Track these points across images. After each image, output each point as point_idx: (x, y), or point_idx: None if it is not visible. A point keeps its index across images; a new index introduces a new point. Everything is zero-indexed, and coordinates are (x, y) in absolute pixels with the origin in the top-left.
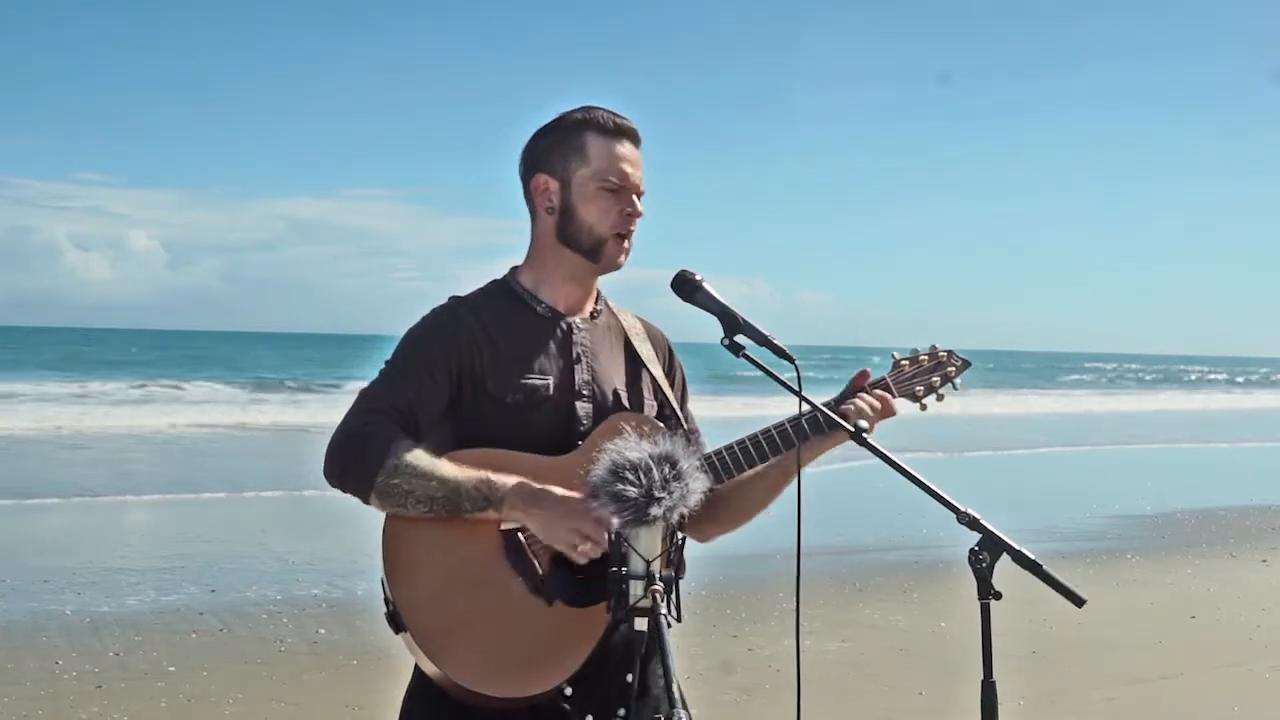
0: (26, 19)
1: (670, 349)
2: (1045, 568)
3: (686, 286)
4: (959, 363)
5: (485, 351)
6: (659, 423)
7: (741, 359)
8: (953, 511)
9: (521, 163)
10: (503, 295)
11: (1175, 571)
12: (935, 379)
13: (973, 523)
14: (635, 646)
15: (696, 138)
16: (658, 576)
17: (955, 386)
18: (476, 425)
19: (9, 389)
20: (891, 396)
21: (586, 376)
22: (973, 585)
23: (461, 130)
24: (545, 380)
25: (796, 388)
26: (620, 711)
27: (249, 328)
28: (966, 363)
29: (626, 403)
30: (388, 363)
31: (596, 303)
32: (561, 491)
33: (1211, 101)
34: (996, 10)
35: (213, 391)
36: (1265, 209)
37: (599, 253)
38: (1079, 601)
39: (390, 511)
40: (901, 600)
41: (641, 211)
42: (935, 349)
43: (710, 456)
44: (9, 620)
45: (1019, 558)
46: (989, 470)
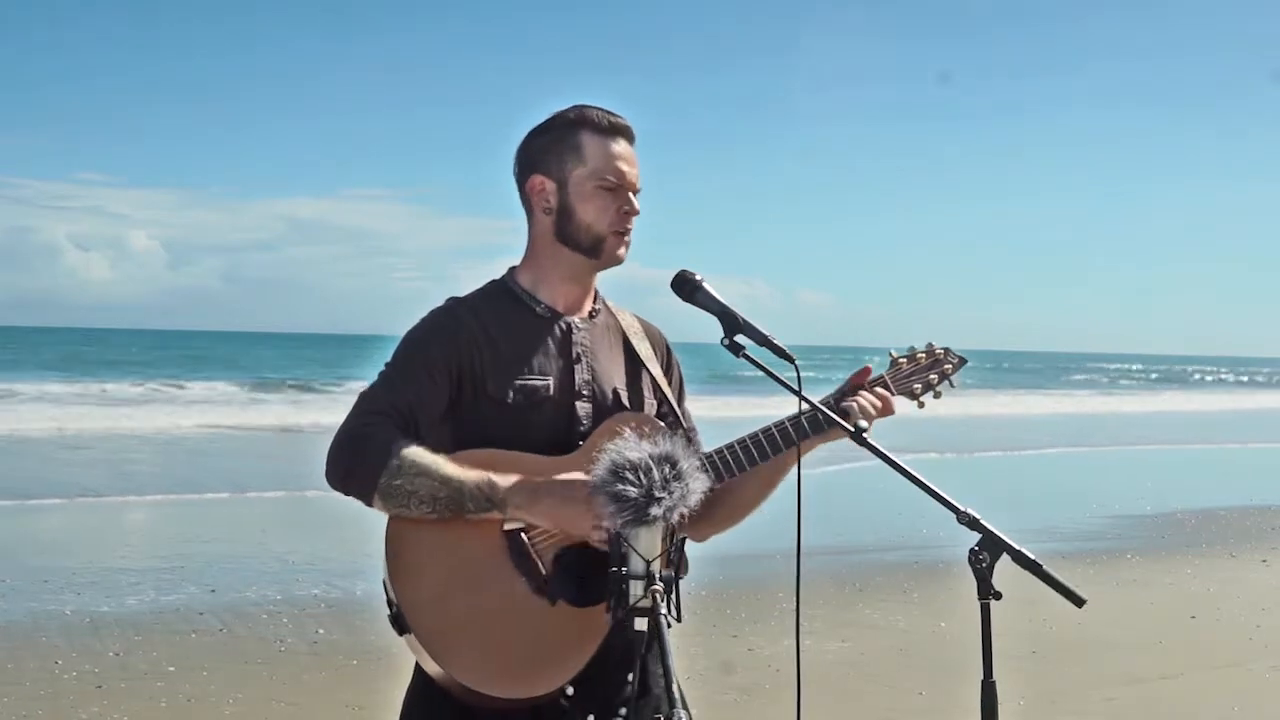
0: (26, 19)
1: (668, 348)
2: (1045, 568)
3: (686, 286)
4: (956, 360)
5: (485, 352)
6: (659, 422)
7: (741, 359)
8: (953, 511)
9: (516, 163)
10: (501, 295)
11: (1175, 571)
12: (933, 377)
13: (973, 523)
14: (635, 646)
15: (696, 138)
16: (658, 576)
17: (952, 384)
18: (477, 426)
19: (9, 389)
20: (890, 395)
21: (586, 376)
22: (973, 585)
23: (461, 130)
24: (545, 380)
25: (797, 388)
26: (621, 711)
27: (249, 328)
28: (963, 360)
29: (626, 402)
30: (387, 364)
31: (595, 302)
32: (561, 477)
33: (1211, 101)
34: (996, 10)
35: (213, 391)
36: (1265, 209)
37: (599, 250)
38: (1079, 601)
39: (393, 513)
40: (901, 600)
41: (639, 209)
42: (932, 347)
43: (710, 456)
44: (9, 620)
45: (1019, 558)
46: (989, 470)
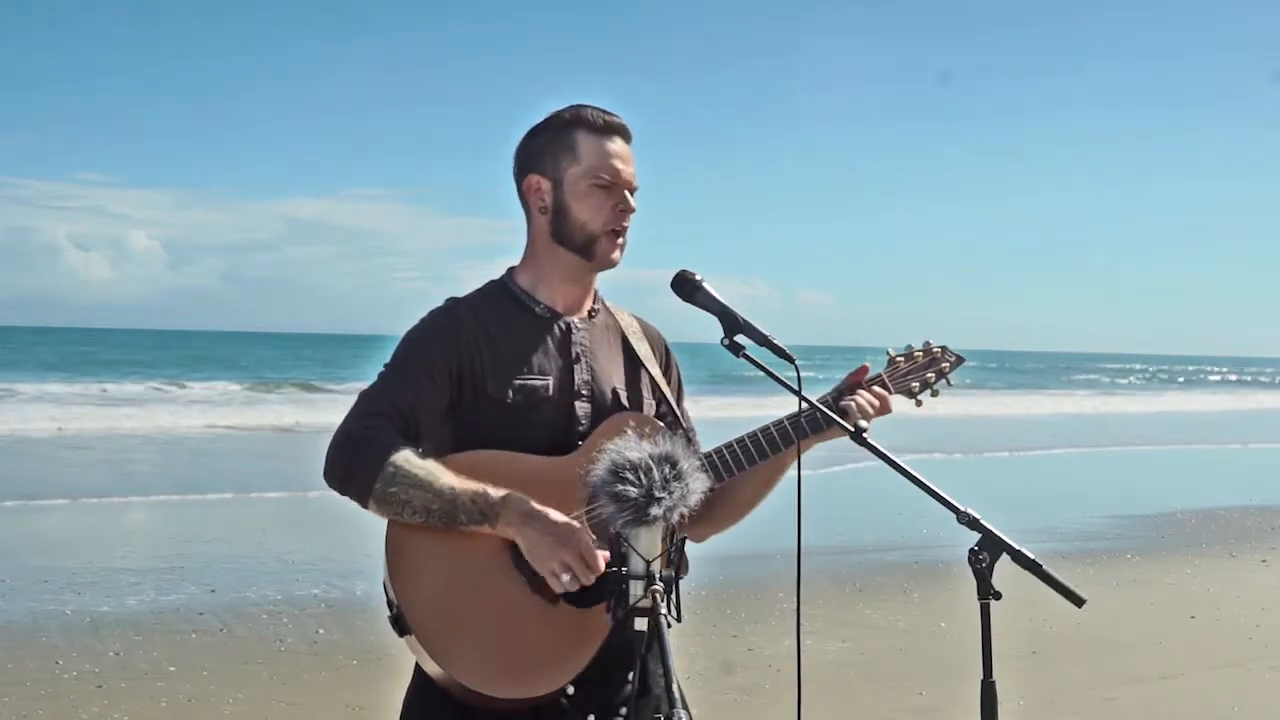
0: (26, 19)
1: (667, 348)
2: (1045, 568)
3: (686, 286)
4: (953, 359)
5: (484, 352)
6: (659, 422)
7: (741, 359)
8: (953, 511)
9: (514, 164)
10: (501, 296)
11: (1175, 571)
12: (930, 375)
13: (972, 523)
14: (635, 646)
15: (696, 138)
16: (658, 576)
17: (950, 383)
18: (476, 426)
19: (9, 389)
20: (888, 393)
21: (586, 376)
22: (973, 585)
23: (461, 130)
24: (544, 380)
25: (797, 388)
26: (621, 711)
27: (249, 328)
28: (960, 359)
29: (626, 402)
30: (387, 365)
31: (594, 302)
32: (558, 517)
33: (1211, 101)
34: (996, 10)
35: (213, 391)
36: (1265, 209)
37: (592, 250)
38: (1079, 601)
39: (387, 518)
40: (901, 600)
41: (634, 207)
42: (929, 345)
43: (709, 455)
44: (9, 620)
45: (1019, 558)
46: (989, 470)
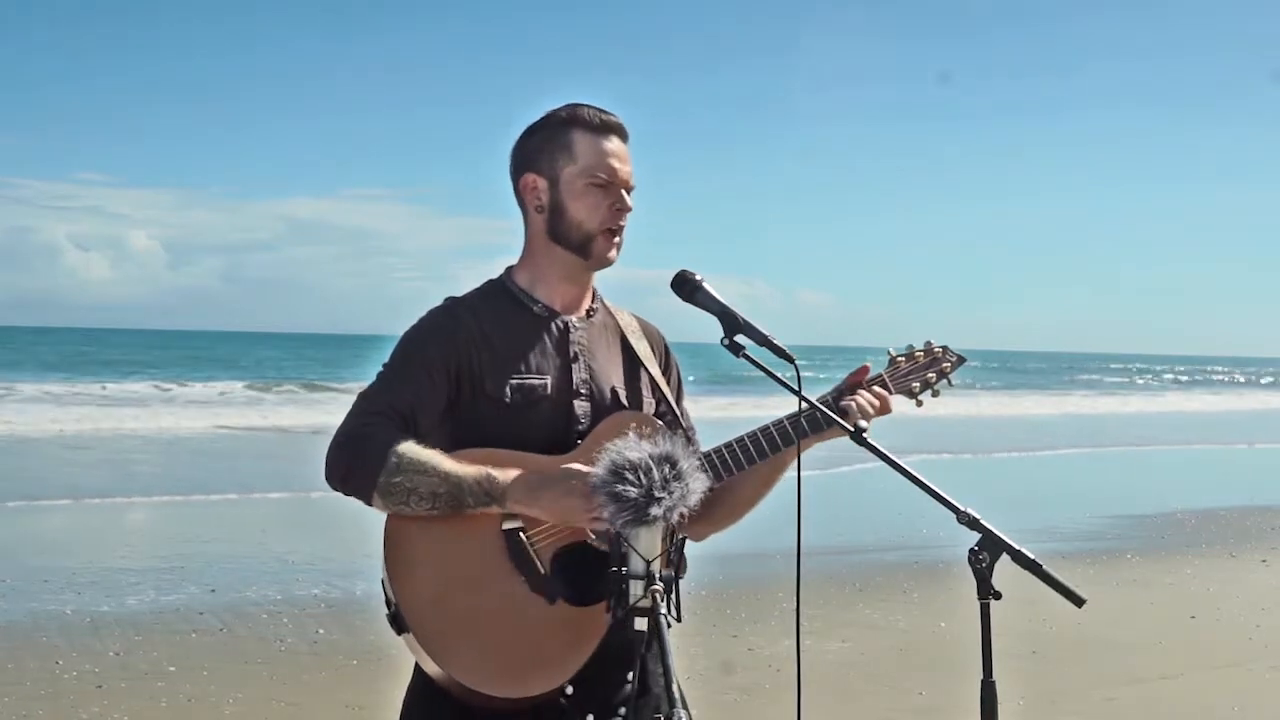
0: (26, 19)
1: (666, 347)
2: (1045, 568)
3: (686, 286)
4: (954, 359)
5: (483, 352)
6: (658, 422)
7: (741, 359)
8: (953, 511)
9: (510, 162)
10: (499, 295)
11: (1175, 571)
12: (931, 375)
13: (972, 523)
14: (635, 646)
15: (696, 138)
16: (658, 576)
17: (950, 383)
18: (475, 425)
19: (9, 389)
20: (888, 393)
21: (584, 375)
22: (973, 585)
23: (461, 130)
24: (543, 380)
25: (796, 388)
26: (621, 711)
27: (249, 328)
28: (961, 359)
29: (625, 401)
30: (386, 365)
31: (593, 301)
32: (561, 470)
33: (1211, 101)
34: (996, 10)
35: (213, 391)
36: (1266, 209)
37: (589, 249)
38: (1079, 601)
39: (393, 511)
40: (901, 600)
41: (631, 206)
42: (930, 345)
43: (708, 455)
44: (9, 620)
45: (1019, 558)
46: (989, 470)
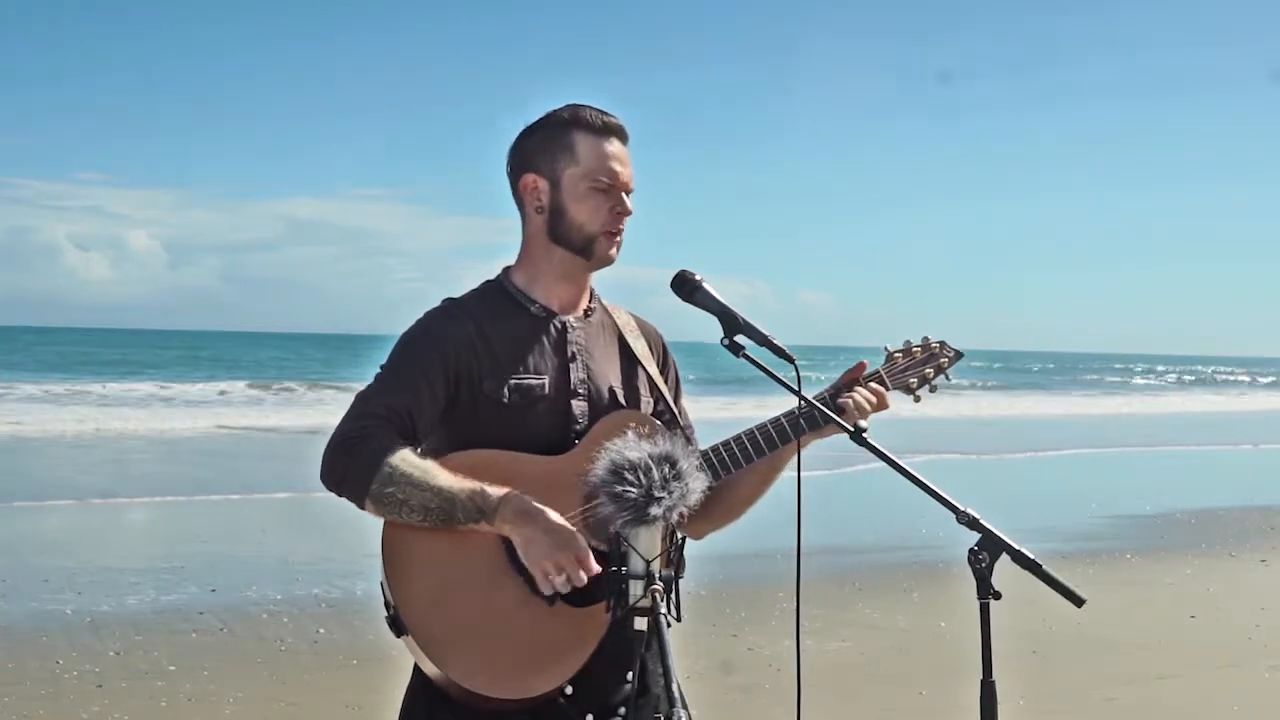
0: (26, 19)
1: (664, 345)
2: (1045, 567)
3: (686, 286)
4: (951, 354)
5: (481, 353)
6: (657, 421)
7: (741, 359)
8: (952, 511)
9: (509, 162)
10: (496, 296)
11: (1175, 571)
12: (928, 371)
13: (972, 523)
14: (635, 646)
15: (696, 138)
16: (658, 576)
17: (948, 378)
18: (473, 426)
19: (9, 389)
20: (885, 389)
21: (582, 375)
22: (973, 585)
23: (462, 130)
24: (541, 380)
25: (797, 388)
26: (620, 711)
27: (249, 328)
28: (959, 354)
29: (623, 400)
30: (383, 367)
31: (590, 300)
32: (555, 517)
33: (1212, 100)
34: (997, 9)
35: (213, 391)
36: (1266, 209)
37: (590, 250)
38: (1079, 601)
39: (386, 518)
40: (901, 600)
41: (631, 210)
42: (927, 340)
43: (707, 453)
44: (9, 620)
45: (1019, 557)
46: (989, 471)
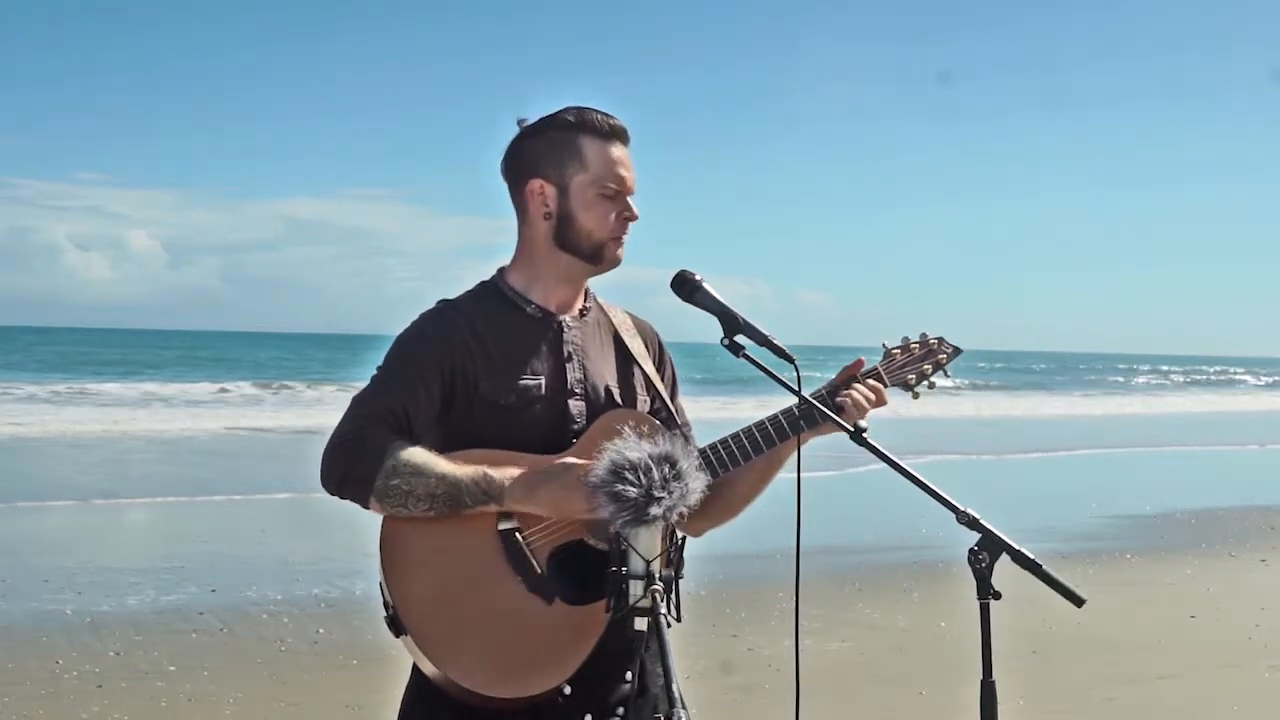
0: (26, 19)
1: (660, 344)
2: (1045, 567)
3: (686, 286)
4: (949, 350)
5: (477, 354)
6: (656, 421)
7: (741, 359)
8: (952, 511)
9: (509, 164)
10: (492, 297)
11: (1175, 571)
12: (927, 367)
13: (972, 523)
14: (635, 646)
15: (697, 138)
16: (657, 576)
17: (947, 374)
18: (470, 427)
19: (9, 389)
20: (884, 386)
21: (578, 375)
22: (973, 585)
23: (462, 130)
24: (538, 380)
25: (797, 388)
26: (619, 711)
27: (249, 328)
28: (957, 349)
29: (619, 399)
30: (380, 368)
31: (585, 300)
32: (558, 464)
33: (1212, 100)
34: (997, 10)
35: (213, 392)
36: (1266, 209)
37: (600, 256)
38: (1079, 601)
39: (391, 513)
40: (901, 600)
41: (637, 216)
42: (925, 336)
43: (705, 451)
44: (9, 620)
45: (1019, 557)
46: (988, 471)
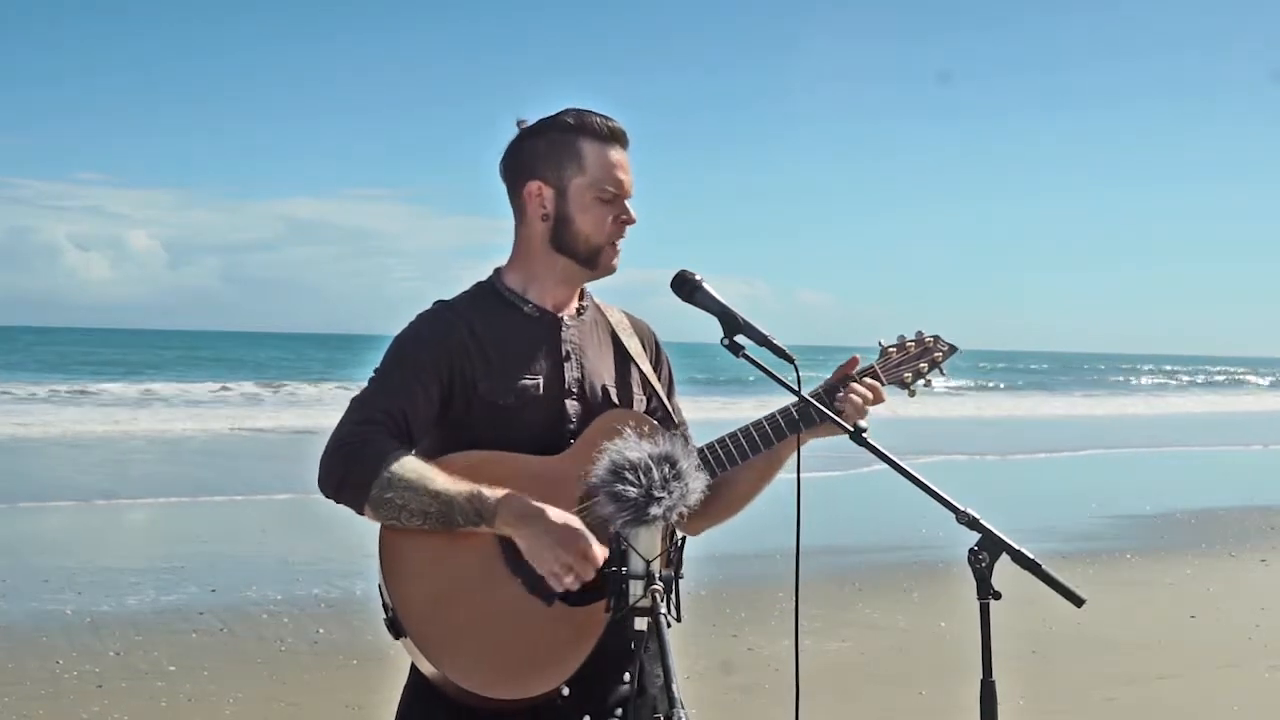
0: (26, 19)
1: (657, 343)
2: (1045, 567)
3: (686, 286)
4: (946, 348)
5: (475, 355)
6: (655, 422)
7: (741, 359)
8: (952, 511)
9: (508, 165)
10: (489, 297)
11: (1175, 571)
12: (923, 365)
13: (972, 522)
14: (634, 647)
15: (697, 138)
16: (657, 576)
17: (943, 371)
18: (469, 427)
19: (9, 389)
20: (881, 384)
21: (576, 374)
22: (973, 585)
23: (462, 130)
24: (535, 380)
25: (797, 388)
26: (618, 712)
27: (249, 328)
28: (953, 348)
29: (616, 399)
30: (378, 370)
31: (582, 300)
32: (556, 514)
33: (1212, 100)
34: (996, 10)
35: (213, 392)
36: (1266, 209)
37: (596, 261)
38: (1079, 601)
39: (384, 523)
40: (901, 600)
41: (635, 219)
42: (922, 335)
43: (704, 450)
44: (9, 620)
45: (1018, 557)
46: (988, 471)
